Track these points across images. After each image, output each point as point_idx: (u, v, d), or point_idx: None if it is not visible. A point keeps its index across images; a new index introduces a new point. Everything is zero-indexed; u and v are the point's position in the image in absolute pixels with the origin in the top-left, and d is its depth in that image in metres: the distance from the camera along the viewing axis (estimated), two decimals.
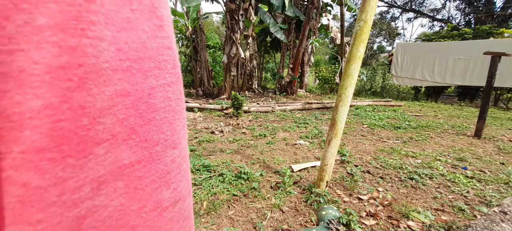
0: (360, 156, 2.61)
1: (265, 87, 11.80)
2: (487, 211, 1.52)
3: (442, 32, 9.20)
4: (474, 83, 6.94)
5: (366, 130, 3.81)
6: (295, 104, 5.84)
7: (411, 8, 17.65)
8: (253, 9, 7.34)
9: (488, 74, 3.32)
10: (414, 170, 2.19)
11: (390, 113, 5.20)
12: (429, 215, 1.51)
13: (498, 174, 2.17)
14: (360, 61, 1.55)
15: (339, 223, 1.39)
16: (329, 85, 10.07)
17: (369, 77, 9.99)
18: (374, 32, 20.23)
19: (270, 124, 4.18)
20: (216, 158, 2.51)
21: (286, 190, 1.81)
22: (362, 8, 1.47)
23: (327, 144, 1.72)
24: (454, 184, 1.97)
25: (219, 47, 10.85)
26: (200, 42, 8.00)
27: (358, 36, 1.50)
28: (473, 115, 5.27)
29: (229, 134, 3.50)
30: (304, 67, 9.55)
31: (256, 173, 2.07)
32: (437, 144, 3.12)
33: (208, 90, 8.32)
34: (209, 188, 1.84)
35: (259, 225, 1.43)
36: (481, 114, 3.36)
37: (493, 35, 7.50)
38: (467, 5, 14.44)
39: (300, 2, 9.54)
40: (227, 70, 7.54)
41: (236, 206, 1.64)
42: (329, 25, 7.15)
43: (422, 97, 8.82)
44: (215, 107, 5.25)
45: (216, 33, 15.18)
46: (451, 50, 7.20)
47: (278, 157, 2.56)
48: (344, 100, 1.61)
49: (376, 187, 1.92)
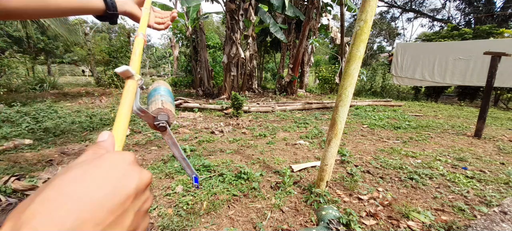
0: (360, 156, 2.61)
1: (265, 87, 11.80)
2: (487, 211, 1.52)
3: (442, 32, 9.20)
4: (474, 83, 6.94)
5: (366, 130, 3.81)
6: (295, 104, 5.84)
7: (411, 8, 17.65)
8: (253, 9, 7.34)
9: (488, 74, 3.32)
10: (414, 170, 2.19)
11: (390, 113, 5.20)
12: (429, 215, 1.51)
13: (498, 174, 2.17)
14: (360, 61, 1.55)
15: (339, 223, 1.39)
16: (329, 85, 10.07)
17: (369, 77, 9.99)
18: (374, 32, 20.23)
19: (270, 124, 4.18)
20: (216, 158, 2.51)
21: (286, 190, 1.81)
22: (362, 8, 1.47)
23: (327, 144, 1.72)
24: (454, 184, 1.97)
25: (219, 47, 10.85)
26: (200, 42, 8.00)
27: (358, 36, 1.50)
28: (473, 115, 5.27)
29: (229, 134, 3.50)
30: (304, 67, 9.55)
31: (256, 173, 2.07)
32: (437, 144, 3.12)
33: (208, 90, 8.32)
34: (209, 188, 1.84)
35: (259, 225, 1.43)
36: (481, 114, 3.36)
37: (493, 35, 7.50)
38: (467, 5, 14.44)
39: (300, 2, 9.54)
40: (227, 70, 7.54)
41: (236, 206, 1.64)
42: (329, 25, 7.16)
43: (422, 97, 8.82)
44: (215, 108, 5.25)
45: (216, 33, 15.18)
46: (451, 50, 7.20)
47: (278, 157, 2.56)
48: (344, 100, 1.61)
49: (376, 187, 1.92)
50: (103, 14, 0.55)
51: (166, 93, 0.57)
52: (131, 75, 0.45)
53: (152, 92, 0.59)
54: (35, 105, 4.97)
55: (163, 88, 0.59)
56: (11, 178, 1.83)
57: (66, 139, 3.11)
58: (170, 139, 0.53)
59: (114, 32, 25.69)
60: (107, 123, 3.89)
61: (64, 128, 3.47)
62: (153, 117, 0.50)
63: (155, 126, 0.50)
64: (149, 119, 0.49)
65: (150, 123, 0.50)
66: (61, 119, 3.99)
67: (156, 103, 0.53)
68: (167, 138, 0.52)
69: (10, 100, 5.43)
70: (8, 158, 2.37)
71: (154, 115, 0.50)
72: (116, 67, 10.51)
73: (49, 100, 5.53)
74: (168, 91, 0.59)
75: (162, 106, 0.51)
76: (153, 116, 0.50)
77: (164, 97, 0.55)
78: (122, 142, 0.34)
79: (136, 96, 0.46)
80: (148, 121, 0.50)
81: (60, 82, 10.32)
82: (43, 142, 2.92)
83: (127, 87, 0.43)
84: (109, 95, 7.52)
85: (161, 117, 0.50)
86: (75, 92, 8.24)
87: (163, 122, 0.50)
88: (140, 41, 0.55)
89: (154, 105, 0.52)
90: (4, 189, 1.70)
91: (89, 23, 25.96)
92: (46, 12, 0.47)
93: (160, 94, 0.56)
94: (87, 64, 13.90)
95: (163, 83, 0.64)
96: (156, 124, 0.50)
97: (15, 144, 2.69)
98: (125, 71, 0.43)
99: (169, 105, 0.53)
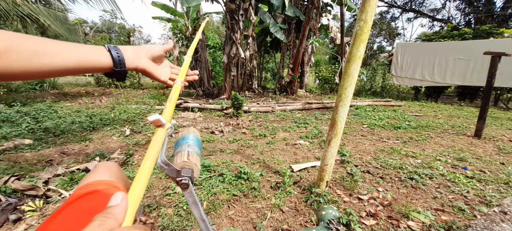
0: (360, 156, 2.61)
1: (265, 87, 11.80)
2: (487, 211, 1.52)
3: (442, 32, 9.19)
4: (474, 83, 6.94)
5: (366, 130, 3.81)
6: (295, 104, 5.84)
7: (411, 8, 17.65)
8: (253, 9, 7.34)
9: (488, 74, 3.32)
10: (414, 170, 2.19)
11: (390, 113, 5.20)
12: (429, 215, 1.51)
13: (498, 174, 2.17)
14: (360, 61, 1.55)
15: (339, 223, 1.38)
16: (329, 85, 10.07)
17: (369, 77, 9.99)
18: (374, 32, 20.23)
19: (270, 124, 4.18)
20: (216, 158, 2.50)
21: (286, 190, 1.81)
22: (362, 8, 1.47)
23: (327, 144, 1.72)
24: (454, 184, 1.97)
25: (219, 47, 10.85)
26: (200, 42, 8.00)
27: (358, 36, 1.50)
28: (473, 115, 5.27)
29: (229, 134, 3.50)
30: (304, 67, 9.55)
31: (256, 173, 2.07)
32: (437, 144, 3.11)
33: (208, 90, 8.32)
34: (209, 188, 1.84)
35: (259, 225, 1.43)
36: (481, 114, 3.36)
37: (493, 35, 7.50)
38: (467, 5, 14.43)
39: (300, 2, 9.54)
40: (227, 70, 7.54)
41: (236, 206, 1.64)
42: (329, 25, 7.15)
43: (422, 97, 8.82)
44: (215, 107, 5.25)
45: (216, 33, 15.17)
46: (451, 50, 7.20)
47: (278, 157, 2.56)
48: (344, 100, 1.61)
49: (376, 187, 1.92)
50: (111, 71, 0.50)
51: (194, 143, 0.55)
52: (162, 124, 0.43)
53: (180, 141, 0.56)
54: (35, 105, 4.97)
55: (192, 137, 0.57)
56: (11, 178, 1.83)
57: (66, 139, 3.11)
58: (191, 197, 0.49)
59: (114, 32, 25.69)
60: (107, 123, 3.89)
61: (64, 128, 3.47)
62: (177, 171, 0.47)
63: (177, 181, 0.47)
64: (173, 173, 0.47)
65: (173, 177, 0.47)
66: (61, 119, 3.99)
67: (181, 155, 0.50)
68: (188, 195, 0.49)
69: (10, 100, 5.43)
70: (8, 158, 2.37)
71: (178, 169, 0.47)
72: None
73: (49, 100, 5.53)
74: (196, 140, 0.57)
75: (187, 160, 0.48)
76: (177, 170, 0.47)
77: (191, 147, 0.53)
78: (137, 205, 0.29)
79: (163, 147, 0.43)
80: (171, 175, 0.47)
81: (60, 82, 10.32)
82: (43, 142, 2.92)
83: (155, 136, 0.41)
84: (109, 95, 7.52)
85: (184, 172, 0.47)
86: (75, 92, 8.24)
87: (186, 179, 0.47)
88: (178, 88, 0.54)
89: (179, 157, 0.50)
90: (4, 189, 1.70)
91: (89, 23, 25.97)
92: (50, 71, 0.42)
93: (187, 144, 0.53)
94: None
95: (193, 130, 0.62)
96: (179, 180, 0.47)
97: (15, 144, 2.69)
98: (156, 120, 0.42)
99: (195, 158, 0.51)
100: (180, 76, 0.57)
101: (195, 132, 0.61)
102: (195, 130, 0.62)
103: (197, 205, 0.49)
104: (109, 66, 0.49)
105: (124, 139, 3.16)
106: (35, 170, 2.13)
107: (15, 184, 1.73)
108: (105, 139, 3.15)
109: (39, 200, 1.63)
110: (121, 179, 0.71)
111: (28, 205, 1.54)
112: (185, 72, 0.59)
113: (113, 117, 4.27)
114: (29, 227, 1.40)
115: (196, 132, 0.61)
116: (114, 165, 0.77)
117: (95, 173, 0.69)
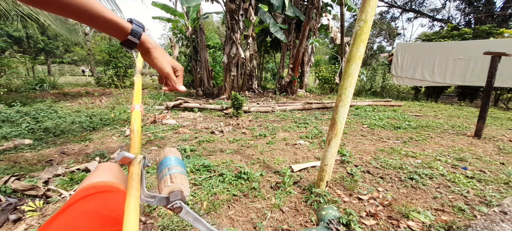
0: (360, 156, 2.61)
1: (265, 87, 11.80)
2: (487, 211, 1.52)
3: (442, 32, 9.19)
4: (474, 83, 6.94)
5: (366, 130, 3.81)
6: (295, 104, 5.84)
7: (411, 8, 17.65)
8: (253, 9, 7.33)
9: (488, 74, 3.32)
10: (414, 170, 2.19)
11: (390, 113, 5.20)
12: (429, 215, 1.51)
13: (498, 174, 2.17)
14: (360, 61, 1.55)
15: (339, 223, 1.38)
16: (329, 85, 10.07)
17: (369, 77, 9.99)
18: (374, 32, 20.23)
19: (270, 124, 4.18)
20: (216, 158, 2.50)
21: (286, 190, 1.81)
22: (362, 8, 1.47)
23: (327, 144, 1.72)
24: (454, 184, 1.97)
25: (219, 47, 10.84)
26: (200, 42, 8.00)
27: (358, 36, 1.50)
28: (473, 115, 5.27)
29: (229, 134, 3.50)
30: (304, 67, 9.55)
31: (256, 173, 2.07)
32: (437, 144, 3.11)
33: (208, 90, 8.32)
34: (209, 188, 1.84)
35: (259, 225, 1.43)
36: (481, 114, 3.36)
37: (493, 35, 7.50)
38: (467, 5, 14.43)
39: (300, 2, 9.54)
40: (227, 70, 7.54)
41: (236, 206, 1.64)
42: (329, 25, 7.15)
43: (422, 97, 8.82)
44: (215, 107, 5.25)
45: (216, 33, 15.17)
46: (451, 50, 7.20)
47: (278, 157, 2.56)
48: (344, 100, 1.61)
49: (376, 187, 1.92)
50: (125, 38, 0.53)
51: (175, 164, 0.51)
52: (131, 161, 0.40)
53: (159, 167, 0.53)
54: (35, 105, 4.96)
55: (172, 159, 0.53)
56: (11, 178, 1.83)
57: (66, 139, 3.11)
58: (189, 216, 0.47)
59: None
60: (107, 123, 3.89)
61: (64, 128, 3.47)
62: (165, 199, 0.44)
63: (170, 209, 0.45)
64: (162, 202, 0.44)
65: (164, 205, 0.45)
66: (61, 119, 3.99)
67: (165, 181, 0.47)
68: (186, 216, 0.46)
69: (10, 100, 5.43)
70: (8, 158, 2.37)
71: (166, 196, 0.44)
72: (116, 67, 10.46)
73: (49, 100, 5.53)
74: (176, 160, 0.53)
75: (171, 183, 0.46)
76: (165, 198, 0.44)
77: (172, 169, 0.49)
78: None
79: (142, 182, 0.41)
80: (161, 204, 0.44)
81: (60, 82, 10.32)
82: (43, 142, 2.92)
83: (130, 174, 0.38)
84: (109, 95, 7.52)
85: (173, 196, 0.44)
86: (75, 92, 8.24)
87: (177, 202, 0.44)
88: (138, 115, 0.49)
89: (163, 183, 0.47)
90: (4, 189, 1.70)
91: None
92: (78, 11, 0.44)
93: (167, 168, 0.50)
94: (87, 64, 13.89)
95: (169, 151, 0.57)
96: (170, 207, 0.45)
97: (15, 144, 2.69)
98: (123, 159, 0.39)
99: (180, 179, 0.48)
100: (136, 100, 0.53)
101: (172, 151, 0.57)
102: (171, 148, 0.57)
103: (199, 220, 0.47)
104: (127, 32, 0.52)
105: (124, 139, 3.16)
106: (35, 170, 2.13)
107: (15, 184, 1.73)
108: (105, 139, 3.15)
109: (39, 200, 1.63)
110: (122, 180, 0.71)
111: (28, 205, 1.54)
112: (140, 94, 0.56)
113: (113, 117, 4.27)
114: (29, 227, 1.40)
115: (173, 151, 0.57)
116: (115, 166, 0.77)
117: (96, 174, 0.69)
